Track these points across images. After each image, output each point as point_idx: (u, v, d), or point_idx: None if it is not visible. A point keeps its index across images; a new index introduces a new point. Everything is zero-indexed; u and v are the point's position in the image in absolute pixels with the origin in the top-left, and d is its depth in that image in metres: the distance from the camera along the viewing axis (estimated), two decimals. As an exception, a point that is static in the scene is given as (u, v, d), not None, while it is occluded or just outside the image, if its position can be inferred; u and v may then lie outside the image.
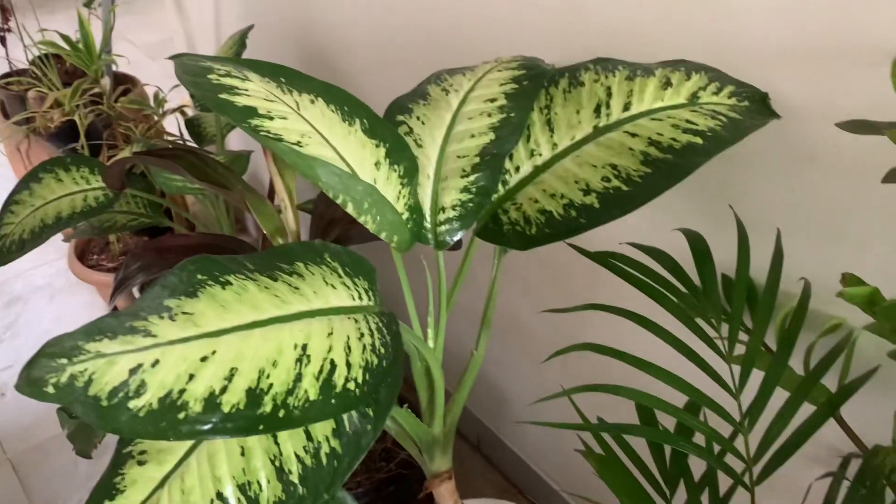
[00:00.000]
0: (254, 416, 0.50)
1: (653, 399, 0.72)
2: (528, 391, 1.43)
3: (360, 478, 1.30)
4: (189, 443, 0.58)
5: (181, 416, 0.48)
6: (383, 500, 1.29)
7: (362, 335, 0.59)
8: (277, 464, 0.57)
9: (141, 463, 0.58)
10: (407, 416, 0.85)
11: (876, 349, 0.76)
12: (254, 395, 0.51)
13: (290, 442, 0.58)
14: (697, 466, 0.79)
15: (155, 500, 0.57)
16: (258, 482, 0.57)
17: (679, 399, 0.74)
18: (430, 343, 0.84)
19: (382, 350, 0.60)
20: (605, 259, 0.82)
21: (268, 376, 0.52)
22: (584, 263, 0.86)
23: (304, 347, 0.55)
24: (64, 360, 0.48)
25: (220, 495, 0.57)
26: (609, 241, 0.90)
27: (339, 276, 0.62)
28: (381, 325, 0.62)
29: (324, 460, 0.57)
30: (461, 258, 0.84)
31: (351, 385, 0.56)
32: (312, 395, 0.53)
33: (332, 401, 0.54)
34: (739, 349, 0.76)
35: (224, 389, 0.50)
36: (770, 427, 0.72)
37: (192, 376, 0.50)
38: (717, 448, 0.78)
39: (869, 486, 0.69)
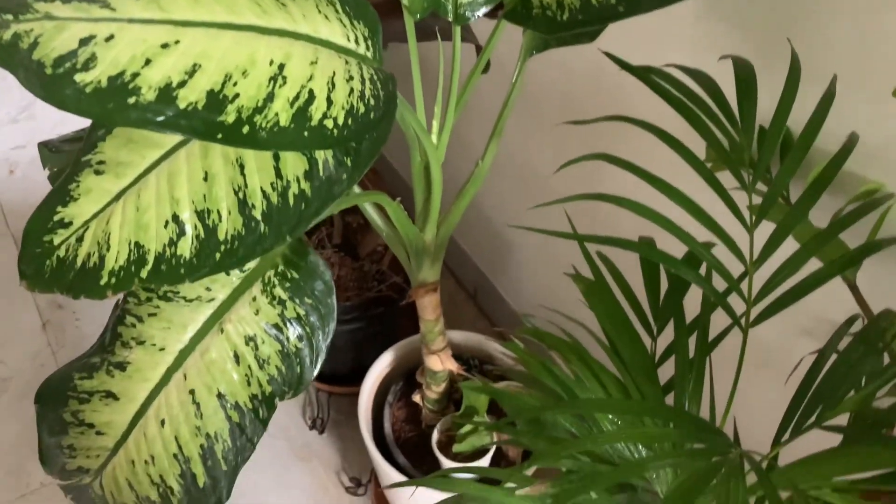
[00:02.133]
0: (213, 122, 0.45)
1: (659, 218, 0.66)
2: (532, 241, 1.39)
3: (350, 293, 1.29)
4: (150, 158, 0.54)
5: (131, 100, 0.43)
6: (368, 320, 1.28)
7: (351, 78, 0.53)
8: (241, 196, 0.53)
9: (98, 173, 0.55)
10: (398, 212, 0.81)
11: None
12: (216, 99, 0.46)
13: (258, 176, 0.53)
14: (690, 310, 0.75)
15: (108, 214, 0.54)
16: (218, 212, 0.53)
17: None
18: (434, 138, 0.78)
19: (372, 101, 0.54)
20: (645, 74, 0.74)
21: (234, 84, 0.47)
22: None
23: (282, 67, 0.49)
24: (9, 17, 0.43)
25: (175, 218, 0.53)
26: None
27: (336, 10, 0.56)
28: (375, 77, 0.56)
29: (291, 201, 0.53)
30: (481, 51, 0.77)
31: (329, 123, 0.50)
32: (283, 121, 0.48)
33: (305, 133, 0.49)
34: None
35: (183, 84, 0.45)
36: (777, 271, 0.67)
37: (148, 61, 0.44)
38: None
39: (866, 347, 0.64)
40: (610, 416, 0.66)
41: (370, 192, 0.78)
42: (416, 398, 1.13)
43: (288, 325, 0.62)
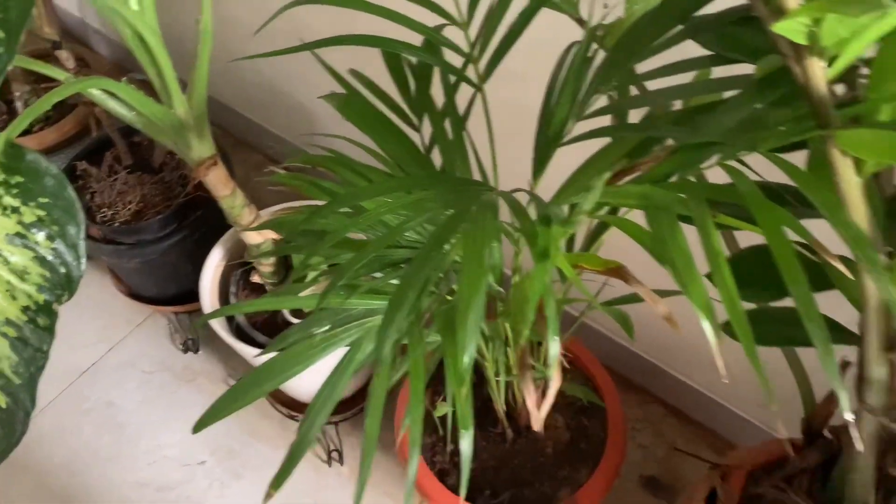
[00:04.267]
0: None
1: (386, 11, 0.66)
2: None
3: (160, 207, 1.25)
4: None
5: None
6: (191, 227, 1.26)
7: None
8: None
9: None
10: (132, 93, 0.77)
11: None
12: None
13: None
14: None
15: None
16: None
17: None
18: (133, 3, 0.74)
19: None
20: None
21: None
22: None
23: None
24: None
25: None
26: None
27: None
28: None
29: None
30: None
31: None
32: None
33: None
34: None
35: None
36: (487, 19, 0.69)
37: None
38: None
39: (585, 61, 0.68)
40: (390, 211, 0.69)
41: (89, 78, 0.74)
42: (255, 279, 1.14)
43: (31, 229, 0.60)
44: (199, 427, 0.59)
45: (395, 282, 0.66)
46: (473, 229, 0.54)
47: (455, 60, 0.71)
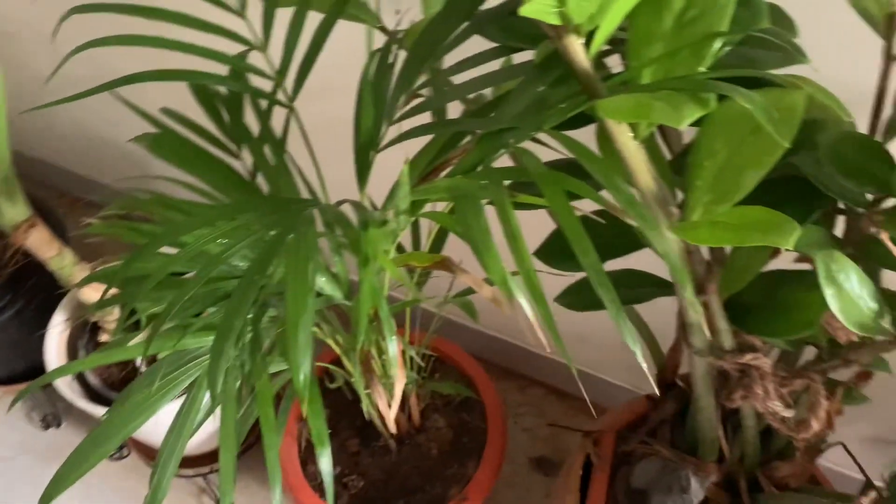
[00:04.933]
0: None
1: (175, 43, 0.64)
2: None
3: (-10, 280, 1.17)
4: None
5: None
6: (27, 295, 1.18)
7: None
8: None
9: None
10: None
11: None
12: None
13: None
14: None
15: None
16: None
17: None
18: None
19: None
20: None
21: None
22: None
23: None
24: None
25: None
26: None
27: None
28: None
29: None
30: None
31: None
32: None
33: None
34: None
35: None
36: (287, 42, 0.69)
37: None
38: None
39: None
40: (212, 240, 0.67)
41: None
42: (104, 338, 1.08)
43: None
44: (44, 502, 0.56)
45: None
46: (295, 246, 0.54)
47: (267, 83, 0.71)
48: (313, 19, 0.69)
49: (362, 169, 0.68)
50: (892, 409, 0.96)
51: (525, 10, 0.38)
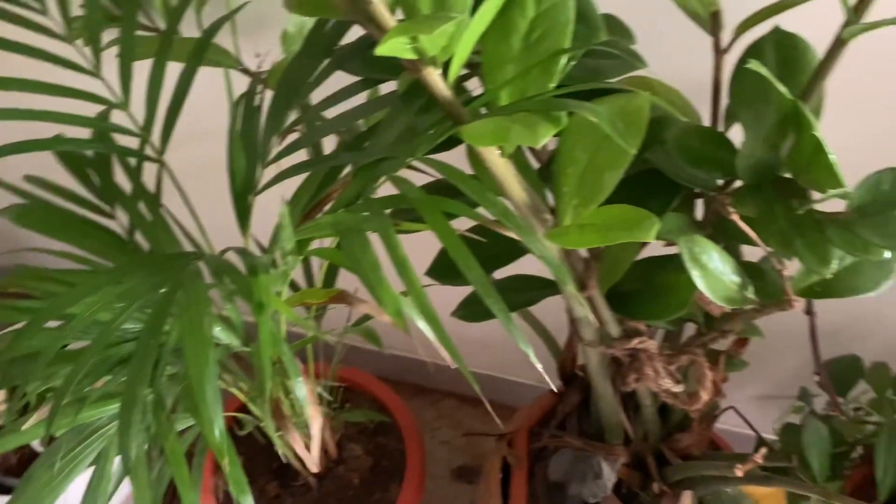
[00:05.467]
0: None
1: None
2: None
3: None
4: None
5: None
6: None
7: None
8: None
9: None
10: None
11: None
12: None
13: None
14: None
15: None
16: None
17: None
18: None
19: None
20: None
21: None
22: None
23: None
24: None
25: None
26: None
27: None
28: None
29: None
30: None
31: None
32: None
33: None
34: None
35: None
36: (148, 94, 0.68)
37: None
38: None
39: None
40: (103, 308, 0.65)
41: None
42: (-10, 422, 1.02)
43: None
44: None
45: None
46: (186, 303, 0.53)
47: (135, 140, 0.70)
48: (174, 69, 0.68)
49: (242, 214, 0.68)
50: (771, 368, 1.04)
51: (381, 50, 0.40)
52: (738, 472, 0.68)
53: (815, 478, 0.72)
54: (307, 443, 0.57)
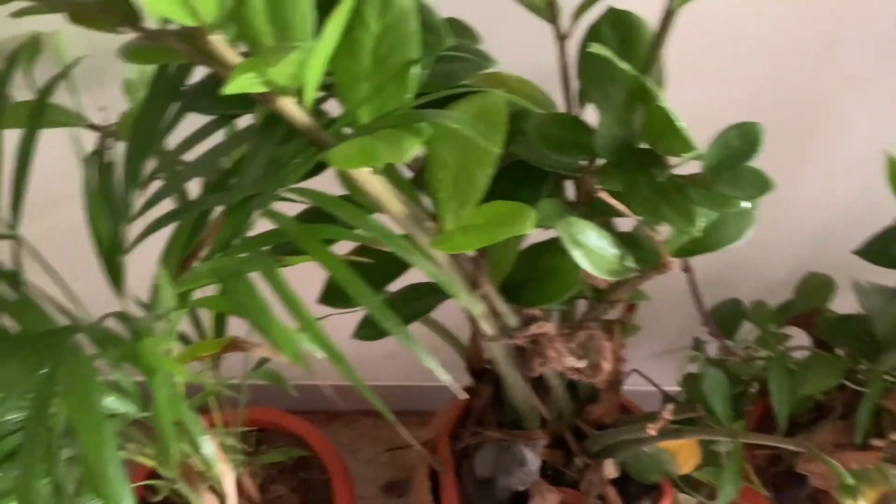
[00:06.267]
0: None
1: None
2: None
3: None
4: None
5: None
6: None
7: None
8: None
9: None
10: None
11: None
12: None
13: None
14: None
15: None
16: None
17: None
18: None
19: None
20: None
21: None
22: None
23: None
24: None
25: None
26: None
27: None
28: None
29: None
30: None
31: None
32: None
33: None
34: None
35: None
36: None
37: None
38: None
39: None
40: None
41: None
42: None
43: None
44: None
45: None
46: (70, 380, 0.50)
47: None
48: (11, 137, 0.64)
49: (115, 275, 0.65)
50: (664, 325, 1.10)
51: (230, 89, 0.39)
52: (651, 432, 0.71)
53: (720, 421, 0.76)
54: (224, 500, 0.55)
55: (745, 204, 0.51)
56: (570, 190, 0.67)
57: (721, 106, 0.80)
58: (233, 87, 0.39)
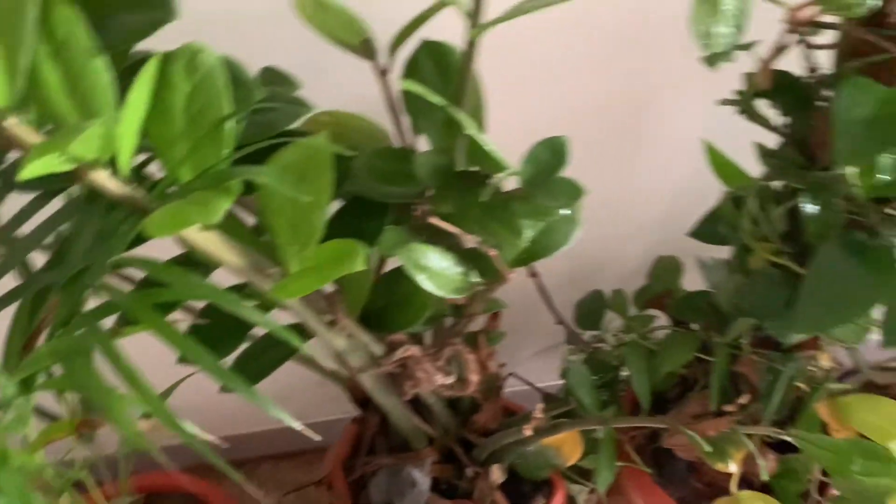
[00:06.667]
0: None
1: None
2: None
3: None
4: None
5: None
6: None
7: None
8: None
9: None
10: None
11: None
12: None
13: None
14: None
15: None
16: None
17: None
18: None
19: None
20: None
21: None
22: None
23: None
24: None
25: None
26: None
27: None
28: None
29: None
30: None
31: None
32: None
33: None
34: None
35: None
36: None
37: None
38: None
39: None
40: None
41: None
42: None
43: None
44: None
45: None
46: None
47: None
48: None
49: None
50: (539, 325, 1.14)
51: (27, 173, 0.39)
52: (528, 432, 0.74)
53: (589, 411, 0.80)
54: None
55: (564, 211, 0.54)
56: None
57: (549, 121, 0.85)
58: (30, 170, 0.39)
